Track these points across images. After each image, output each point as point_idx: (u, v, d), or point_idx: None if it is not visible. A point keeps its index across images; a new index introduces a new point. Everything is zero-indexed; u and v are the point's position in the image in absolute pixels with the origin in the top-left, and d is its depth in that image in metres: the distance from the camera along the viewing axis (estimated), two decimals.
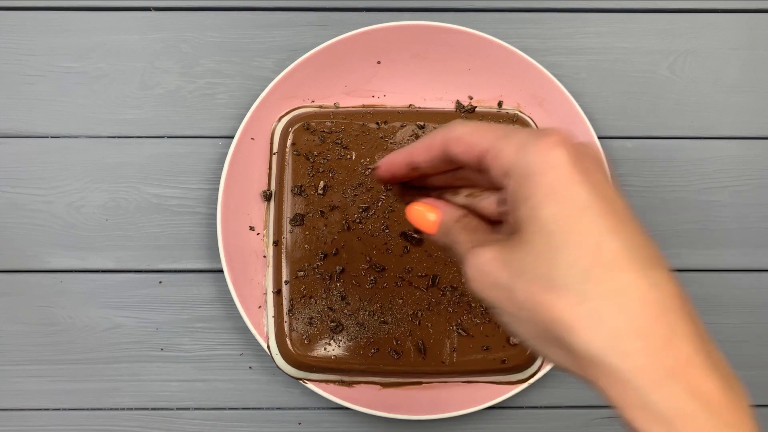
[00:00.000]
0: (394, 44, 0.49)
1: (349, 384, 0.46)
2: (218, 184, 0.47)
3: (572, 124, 0.48)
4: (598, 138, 0.48)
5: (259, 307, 0.47)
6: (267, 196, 0.48)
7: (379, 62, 0.49)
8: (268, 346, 0.46)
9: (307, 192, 0.47)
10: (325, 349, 0.45)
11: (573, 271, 0.21)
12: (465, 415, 0.46)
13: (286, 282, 0.46)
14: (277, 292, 0.46)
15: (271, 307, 0.47)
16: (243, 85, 0.51)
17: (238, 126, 0.47)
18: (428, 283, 0.46)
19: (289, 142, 0.48)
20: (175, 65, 0.51)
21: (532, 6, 0.52)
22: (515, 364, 0.46)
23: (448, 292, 0.46)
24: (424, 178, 0.30)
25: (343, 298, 0.46)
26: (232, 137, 0.48)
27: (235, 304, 0.46)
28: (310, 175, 0.47)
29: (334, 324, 0.45)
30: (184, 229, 0.50)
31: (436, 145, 0.27)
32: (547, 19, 0.52)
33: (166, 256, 0.49)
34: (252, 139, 0.48)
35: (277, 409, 0.49)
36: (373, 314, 0.46)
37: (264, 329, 0.46)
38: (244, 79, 0.51)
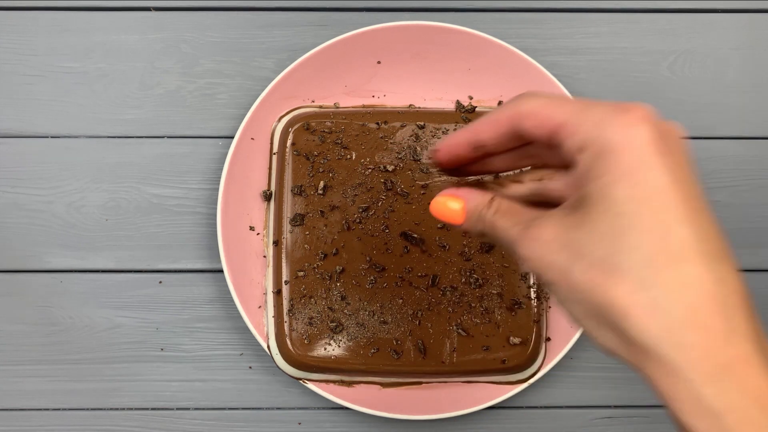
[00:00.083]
0: (394, 44, 0.49)
1: (349, 384, 0.46)
2: (218, 184, 0.47)
3: None
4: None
5: (259, 307, 0.47)
6: (267, 196, 0.48)
7: (379, 62, 0.49)
8: (268, 346, 0.46)
9: (307, 192, 0.47)
10: (325, 349, 0.45)
11: (637, 257, 0.21)
12: (465, 415, 0.46)
13: (286, 282, 0.46)
14: (277, 292, 0.46)
15: (271, 307, 0.47)
16: (243, 85, 0.51)
17: (238, 126, 0.47)
18: (428, 283, 0.46)
19: (289, 142, 0.48)
20: (175, 65, 0.51)
21: (532, 6, 0.52)
22: (515, 364, 0.46)
23: (448, 292, 0.46)
24: (486, 159, 0.28)
25: (343, 298, 0.46)
26: (232, 137, 0.48)
27: (235, 304, 0.46)
28: (310, 175, 0.47)
29: (334, 324, 0.45)
30: (184, 229, 0.50)
31: (505, 119, 0.25)
32: (547, 19, 0.52)
33: (166, 256, 0.49)
34: (252, 139, 0.48)
35: (277, 409, 0.49)
36: (373, 314, 0.46)
37: (264, 329, 0.46)
38: (244, 79, 0.51)
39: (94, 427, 0.48)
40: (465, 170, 0.29)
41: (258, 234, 0.48)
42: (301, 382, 0.46)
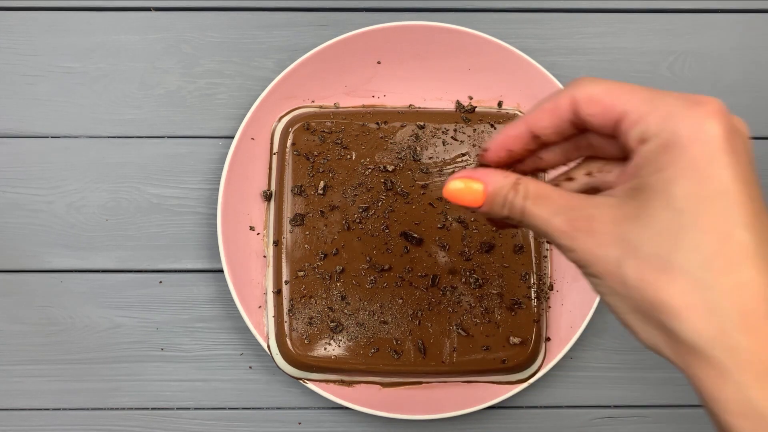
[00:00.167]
0: (394, 44, 0.49)
1: (349, 384, 0.46)
2: (218, 184, 0.47)
3: None
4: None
5: (259, 307, 0.47)
6: (267, 196, 0.48)
7: (379, 62, 0.49)
8: (268, 346, 0.46)
9: (307, 192, 0.47)
10: (325, 349, 0.45)
11: (695, 256, 0.21)
12: (465, 415, 0.46)
13: (286, 282, 0.46)
14: (277, 292, 0.46)
15: (271, 307, 0.47)
16: (243, 85, 0.51)
17: (239, 126, 0.47)
18: (428, 283, 0.46)
19: (289, 142, 0.48)
20: (175, 65, 0.51)
21: (532, 6, 0.52)
22: (515, 364, 0.46)
23: (448, 292, 0.46)
24: (537, 152, 0.27)
25: (343, 298, 0.46)
26: (233, 137, 0.48)
27: (235, 304, 0.46)
28: (310, 175, 0.47)
29: (334, 324, 0.45)
30: (184, 229, 0.50)
31: (564, 106, 0.24)
32: (547, 19, 0.52)
33: (166, 256, 0.49)
34: (252, 139, 0.48)
35: (277, 409, 0.49)
36: (373, 314, 0.46)
37: (264, 329, 0.46)
38: (244, 79, 0.51)
39: (94, 427, 0.48)
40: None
41: (258, 234, 0.48)
42: (301, 382, 0.46)
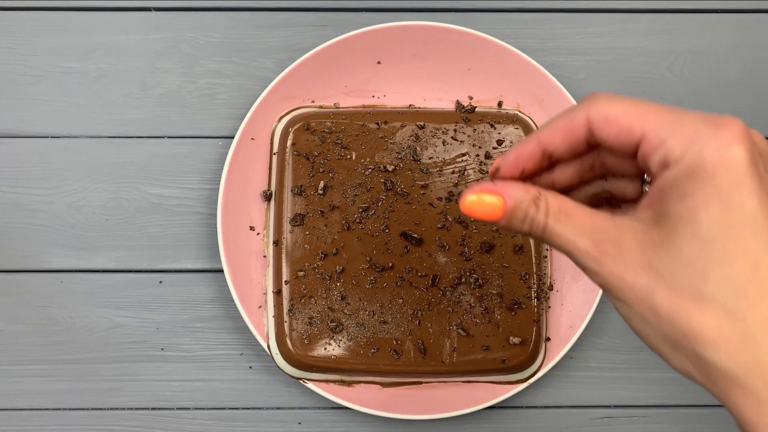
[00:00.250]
0: (394, 44, 0.49)
1: (349, 384, 0.46)
2: (218, 184, 0.47)
3: None
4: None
5: (259, 307, 0.47)
6: (267, 196, 0.48)
7: (379, 62, 0.49)
8: (268, 346, 0.46)
9: (307, 192, 0.47)
10: (325, 349, 0.45)
11: (726, 287, 0.20)
12: (465, 415, 0.46)
13: (286, 282, 0.46)
14: (277, 292, 0.46)
15: (271, 307, 0.47)
16: (243, 85, 0.51)
17: (239, 126, 0.47)
18: (428, 283, 0.46)
19: (289, 142, 0.48)
20: (175, 65, 0.51)
21: (532, 6, 0.52)
22: (515, 364, 0.46)
23: (448, 292, 0.46)
24: (549, 170, 0.26)
25: (343, 298, 0.46)
26: (233, 137, 0.48)
27: (235, 304, 0.46)
28: (310, 175, 0.47)
29: (334, 324, 0.45)
30: (184, 229, 0.50)
31: (579, 126, 0.23)
32: (547, 19, 0.52)
33: (166, 256, 0.49)
34: (252, 139, 0.48)
35: (277, 409, 0.49)
36: (373, 314, 0.46)
37: (264, 329, 0.46)
38: (244, 79, 0.51)
39: (94, 427, 0.48)
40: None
41: (258, 234, 0.48)
42: (301, 381, 0.46)
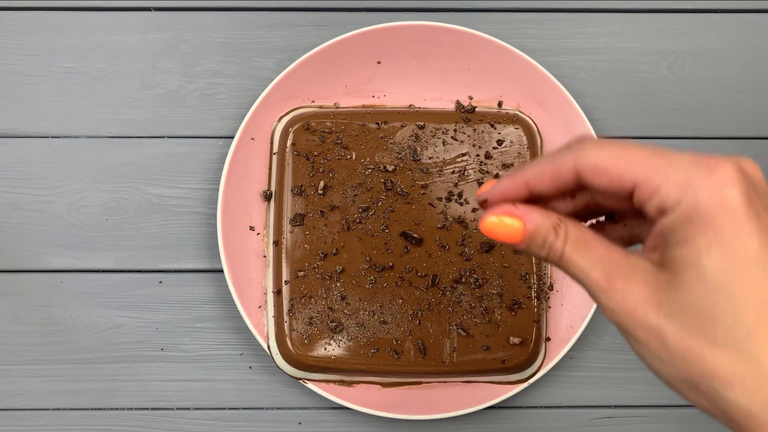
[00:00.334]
0: (394, 44, 0.49)
1: (349, 384, 0.46)
2: (218, 184, 0.47)
3: (572, 124, 0.48)
4: (598, 138, 0.48)
5: (259, 307, 0.47)
6: (267, 196, 0.48)
7: (379, 62, 0.49)
8: (268, 346, 0.46)
9: (307, 192, 0.47)
10: (325, 349, 0.45)
11: (736, 330, 0.21)
12: (465, 415, 0.46)
13: (286, 282, 0.46)
14: (277, 292, 0.46)
15: (271, 307, 0.47)
16: (243, 85, 0.51)
17: (239, 126, 0.47)
18: (428, 283, 0.46)
19: (289, 142, 0.48)
20: (175, 65, 0.51)
21: (532, 6, 0.52)
22: (515, 364, 0.46)
23: (448, 292, 0.46)
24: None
25: (343, 298, 0.46)
26: (233, 137, 0.48)
27: (235, 304, 0.46)
28: (310, 175, 0.47)
29: (334, 324, 0.45)
30: (184, 229, 0.50)
31: (566, 172, 0.24)
32: (547, 19, 0.52)
33: (166, 256, 0.49)
34: (252, 139, 0.48)
35: (277, 409, 0.49)
36: (373, 314, 0.46)
37: (264, 329, 0.46)
38: (244, 79, 0.51)
39: (94, 427, 0.48)
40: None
41: (258, 234, 0.48)
42: (301, 382, 0.46)
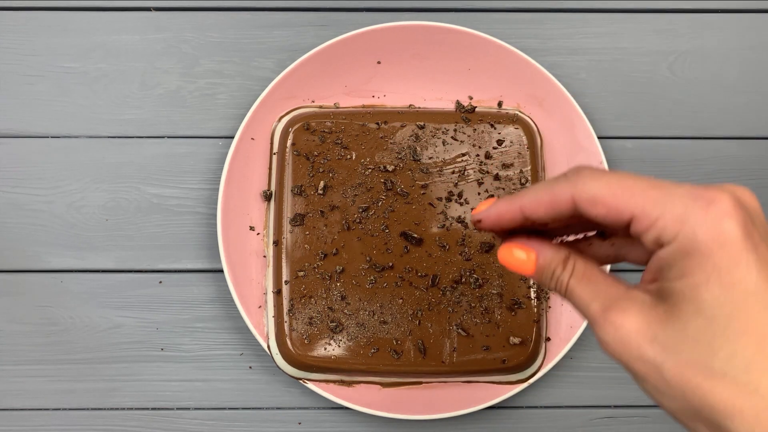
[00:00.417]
0: (394, 44, 0.49)
1: (349, 384, 0.46)
2: (218, 184, 0.47)
3: (572, 124, 0.48)
4: (598, 138, 0.48)
5: (259, 307, 0.47)
6: (267, 196, 0.48)
7: (379, 62, 0.49)
8: (268, 346, 0.46)
9: (307, 192, 0.47)
10: (325, 349, 0.45)
11: (735, 362, 0.21)
12: (465, 415, 0.46)
13: (286, 282, 0.46)
14: (277, 292, 0.46)
15: (271, 307, 0.47)
16: (243, 85, 0.51)
17: (238, 126, 0.47)
18: (428, 283, 0.46)
19: (289, 142, 0.48)
20: (175, 65, 0.51)
21: (532, 6, 0.52)
22: (515, 364, 0.46)
23: (448, 292, 0.46)
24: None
25: (343, 298, 0.46)
26: (233, 137, 0.48)
27: (235, 304, 0.46)
28: (310, 175, 0.47)
29: (334, 324, 0.45)
30: (184, 229, 0.50)
31: (563, 202, 0.24)
32: (547, 19, 0.52)
33: (166, 256, 0.49)
34: (252, 139, 0.48)
35: (277, 409, 0.49)
36: (373, 314, 0.46)
37: (264, 329, 0.46)
38: (244, 79, 0.51)
39: (94, 427, 0.48)
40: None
41: (258, 234, 0.48)
42: (301, 382, 0.46)
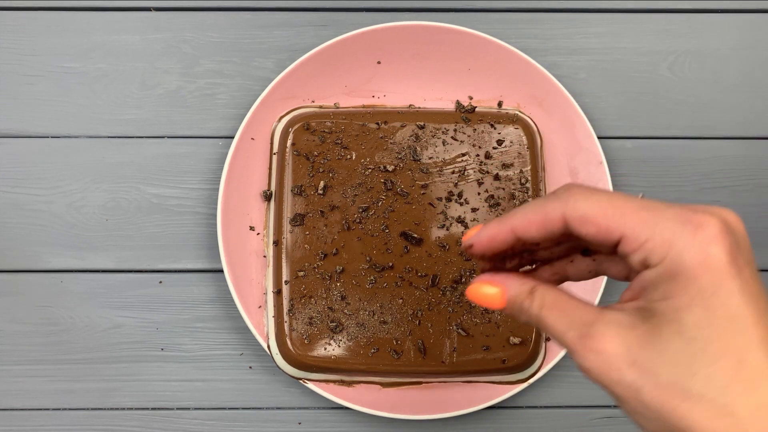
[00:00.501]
0: (394, 44, 0.49)
1: (349, 384, 0.46)
2: (218, 184, 0.47)
3: (572, 124, 0.48)
4: (598, 138, 0.48)
5: (259, 307, 0.47)
6: (267, 196, 0.48)
7: (379, 62, 0.49)
8: (268, 346, 0.46)
9: (307, 192, 0.47)
10: (325, 349, 0.45)
11: (713, 384, 0.21)
12: (465, 415, 0.46)
13: (286, 282, 0.46)
14: (277, 292, 0.46)
15: (271, 307, 0.47)
16: (243, 85, 0.51)
17: (239, 126, 0.47)
18: (428, 283, 0.46)
19: (289, 142, 0.48)
20: (175, 65, 0.51)
21: (532, 6, 0.52)
22: (515, 364, 0.46)
23: (448, 292, 0.46)
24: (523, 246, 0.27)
25: (343, 298, 0.46)
26: (233, 137, 0.48)
27: (235, 304, 0.46)
28: (310, 175, 0.47)
29: (334, 324, 0.45)
30: (184, 229, 0.50)
31: (554, 221, 0.24)
32: (547, 19, 0.52)
33: (166, 256, 0.49)
34: (252, 139, 0.48)
35: (277, 409, 0.49)
36: (373, 314, 0.46)
37: (264, 329, 0.46)
38: (244, 79, 0.51)
39: (94, 427, 0.48)
40: (500, 257, 0.28)
41: (258, 234, 0.48)
42: (301, 382, 0.46)
